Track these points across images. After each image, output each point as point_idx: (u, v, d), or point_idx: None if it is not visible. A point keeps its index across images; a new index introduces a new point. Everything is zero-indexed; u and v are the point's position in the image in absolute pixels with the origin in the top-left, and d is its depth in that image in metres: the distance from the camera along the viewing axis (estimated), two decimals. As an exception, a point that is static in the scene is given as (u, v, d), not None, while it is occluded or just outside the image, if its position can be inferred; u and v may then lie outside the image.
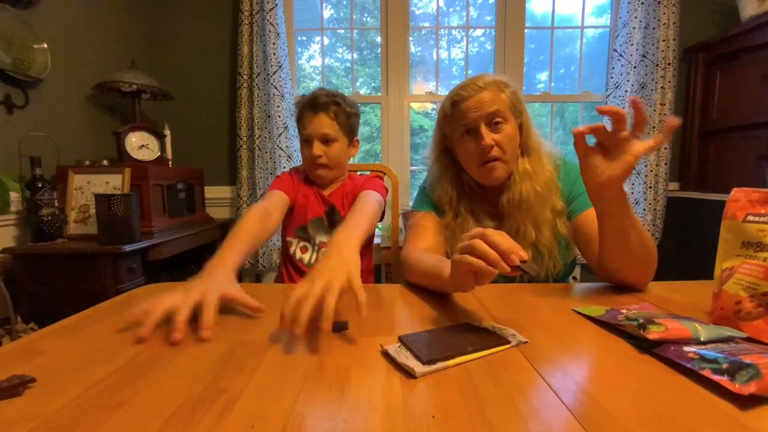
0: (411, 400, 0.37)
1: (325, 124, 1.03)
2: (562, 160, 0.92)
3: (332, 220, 1.12)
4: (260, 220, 0.87)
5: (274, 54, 1.98)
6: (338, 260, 0.58)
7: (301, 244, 1.13)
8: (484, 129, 0.81)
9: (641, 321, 0.48)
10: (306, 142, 1.06)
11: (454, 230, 0.88)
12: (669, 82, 1.99)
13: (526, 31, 2.18)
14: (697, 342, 0.45)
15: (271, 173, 2.07)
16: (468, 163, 0.87)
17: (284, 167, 2.05)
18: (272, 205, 1.00)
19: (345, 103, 1.06)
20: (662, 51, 1.97)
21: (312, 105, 1.04)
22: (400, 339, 0.49)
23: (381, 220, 1.06)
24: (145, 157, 1.70)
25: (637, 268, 0.71)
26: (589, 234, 0.81)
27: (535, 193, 0.84)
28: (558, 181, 0.88)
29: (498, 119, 0.81)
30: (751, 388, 0.36)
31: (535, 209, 0.84)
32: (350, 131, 1.09)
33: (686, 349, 0.43)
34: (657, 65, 1.98)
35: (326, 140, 1.05)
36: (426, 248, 0.85)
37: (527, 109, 0.87)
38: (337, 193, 1.12)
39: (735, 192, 0.55)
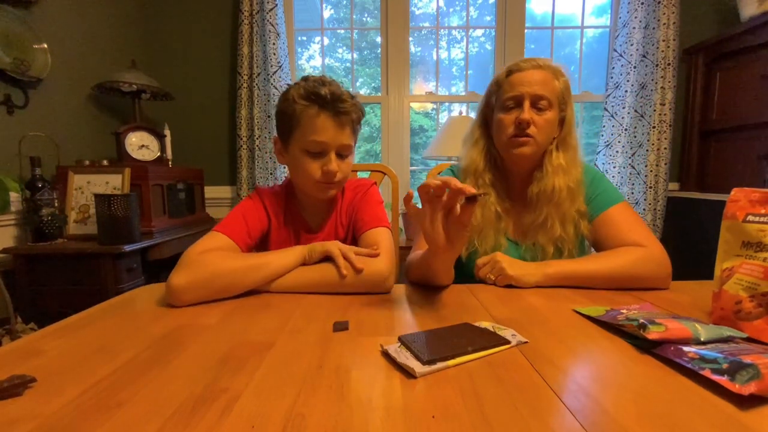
0: (411, 400, 0.37)
1: (346, 134, 0.79)
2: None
3: None
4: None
5: (274, 54, 1.98)
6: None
7: None
8: (527, 105, 0.81)
9: (641, 321, 0.48)
10: (314, 154, 0.78)
11: None
12: (669, 82, 1.99)
13: (526, 31, 2.18)
14: (697, 342, 0.45)
15: (271, 173, 2.07)
16: (500, 133, 0.85)
17: (284, 168, 2.04)
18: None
19: (363, 112, 0.84)
20: (662, 51, 1.97)
21: (335, 108, 0.76)
22: (400, 339, 0.49)
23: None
24: (145, 157, 1.70)
25: (626, 287, 0.75)
26: (599, 238, 0.84)
27: (568, 189, 0.84)
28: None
29: (543, 103, 0.82)
30: (751, 388, 0.36)
31: (565, 205, 0.84)
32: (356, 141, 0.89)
33: (686, 349, 0.43)
34: (657, 65, 1.98)
35: (342, 154, 0.81)
36: None
37: (573, 105, 0.88)
38: (328, 228, 0.89)
39: (735, 192, 0.55)
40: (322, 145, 0.77)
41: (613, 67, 2.01)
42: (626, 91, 1.99)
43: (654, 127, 2.01)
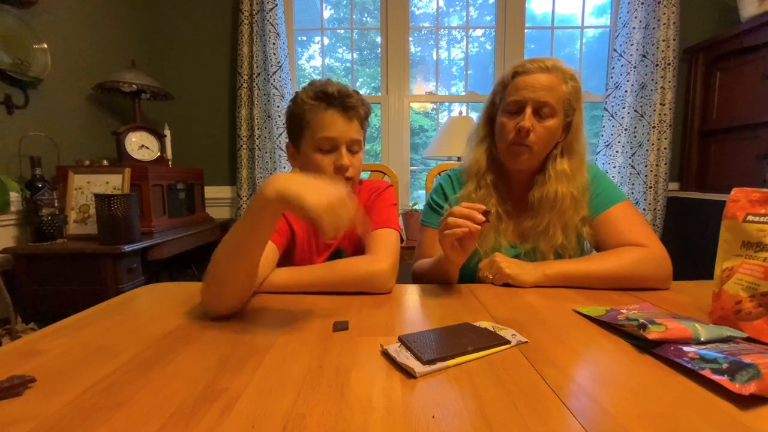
0: (411, 400, 0.37)
1: (355, 129, 0.81)
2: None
3: None
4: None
5: (274, 54, 1.98)
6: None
7: None
8: (528, 112, 0.78)
9: (641, 321, 0.48)
10: (326, 150, 0.80)
11: (474, 202, 0.87)
12: (669, 82, 1.99)
13: (526, 31, 2.18)
14: (697, 342, 0.45)
15: (270, 173, 2.07)
16: (500, 137, 0.84)
17: (284, 167, 2.04)
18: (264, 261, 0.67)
19: (369, 108, 0.86)
20: (662, 51, 1.97)
21: (342, 104, 0.79)
22: (400, 339, 0.49)
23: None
24: (145, 157, 1.70)
25: (626, 288, 0.75)
26: (600, 238, 0.84)
27: (572, 197, 0.82)
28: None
29: (546, 110, 0.79)
30: (751, 388, 0.36)
31: (568, 214, 0.82)
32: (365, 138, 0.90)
33: (686, 349, 0.43)
34: (657, 65, 1.97)
35: (353, 149, 0.83)
36: None
37: (583, 110, 0.84)
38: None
39: (735, 192, 0.55)
40: (332, 141, 0.79)
41: (613, 67, 2.01)
42: (626, 91, 1.99)
43: (654, 127, 2.01)
